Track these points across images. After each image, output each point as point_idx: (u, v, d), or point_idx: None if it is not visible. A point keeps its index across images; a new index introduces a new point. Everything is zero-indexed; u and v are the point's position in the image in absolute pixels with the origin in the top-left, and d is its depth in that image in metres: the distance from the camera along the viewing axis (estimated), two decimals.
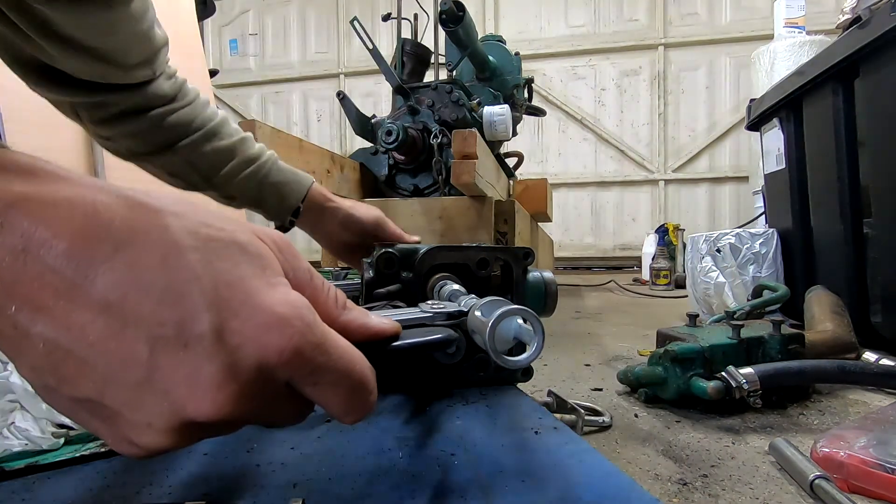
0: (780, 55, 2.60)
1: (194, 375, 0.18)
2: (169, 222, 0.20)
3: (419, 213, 1.46)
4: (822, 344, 0.96)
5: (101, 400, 0.19)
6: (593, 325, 1.59)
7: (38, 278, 0.18)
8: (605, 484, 0.30)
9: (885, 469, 0.52)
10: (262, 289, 0.20)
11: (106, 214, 0.19)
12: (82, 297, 0.18)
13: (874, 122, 1.07)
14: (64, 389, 0.19)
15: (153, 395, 0.19)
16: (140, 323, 0.18)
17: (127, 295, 0.18)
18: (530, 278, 0.52)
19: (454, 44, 1.71)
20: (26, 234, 0.18)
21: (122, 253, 0.19)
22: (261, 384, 0.20)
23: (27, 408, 0.36)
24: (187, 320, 0.18)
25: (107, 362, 0.18)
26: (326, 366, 0.21)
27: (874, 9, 0.99)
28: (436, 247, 0.46)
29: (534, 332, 0.27)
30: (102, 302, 0.18)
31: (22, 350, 0.19)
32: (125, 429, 0.19)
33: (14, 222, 0.18)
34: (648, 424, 0.75)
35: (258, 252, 0.21)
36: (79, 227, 0.18)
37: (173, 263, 0.19)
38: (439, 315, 0.33)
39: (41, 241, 0.18)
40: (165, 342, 0.18)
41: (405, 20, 2.18)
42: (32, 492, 0.31)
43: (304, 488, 0.30)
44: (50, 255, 0.18)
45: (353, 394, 0.22)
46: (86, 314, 0.18)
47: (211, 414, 0.19)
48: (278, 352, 0.19)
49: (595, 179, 4.00)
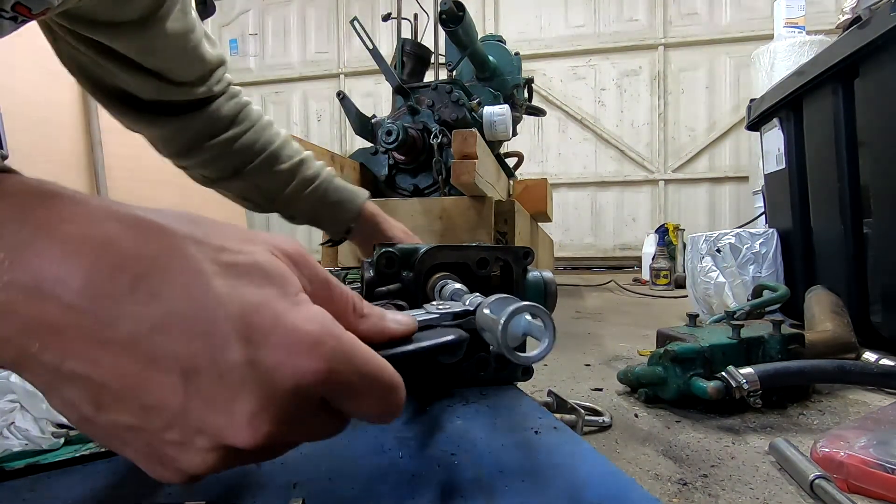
0: (780, 55, 2.60)
1: (231, 405, 0.18)
2: (187, 249, 0.19)
3: (419, 213, 1.46)
4: (822, 344, 0.96)
5: (140, 429, 0.19)
6: (593, 325, 1.59)
7: (57, 316, 0.18)
8: (605, 484, 0.30)
9: (885, 469, 0.52)
10: (289, 310, 0.20)
11: (120, 245, 0.18)
12: (107, 334, 0.18)
13: (874, 122, 1.07)
14: (101, 420, 0.19)
15: (193, 424, 0.18)
16: (171, 356, 0.18)
17: (154, 328, 0.18)
18: (530, 278, 0.52)
19: (454, 44, 1.71)
20: (38, 272, 0.18)
21: (142, 285, 0.18)
22: (296, 406, 0.20)
23: (27, 408, 0.36)
24: (219, 350, 0.18)
25: (143, 395, 0.18)
26: (358, 378, 0.21)
27: (874, 9, 0.99)
28: (436, 246, 0.46)
29: (544, 328, 0.27)
30: (129, 337, 0.18)
31: (53, 385, 0.18)
32: (167, 456, 0.19)
33: (24, 261, 0.18)
34: (648, 424, 0.75)
35: (279, 272, 0.21)
36: (93, 261, 0.18)
37: (197, 292, 0.19)
38: (446, 315, 0.33)
39: (55, 280, 0.18)
40: (199, 373, 0.18)
41: (405, 20, 2.18)
42: (32, 492, 0.31)
43: (304, 488, 0.30)
44: (66, 292, 0.18)
45: (385, 398, 0.22)
46: (114, 351, 0.18)
47: (250, 441, 0.19)
48: (313, 373, 0.19)
49: (595, 179, 4.00)
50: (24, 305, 0.17)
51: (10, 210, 0.18)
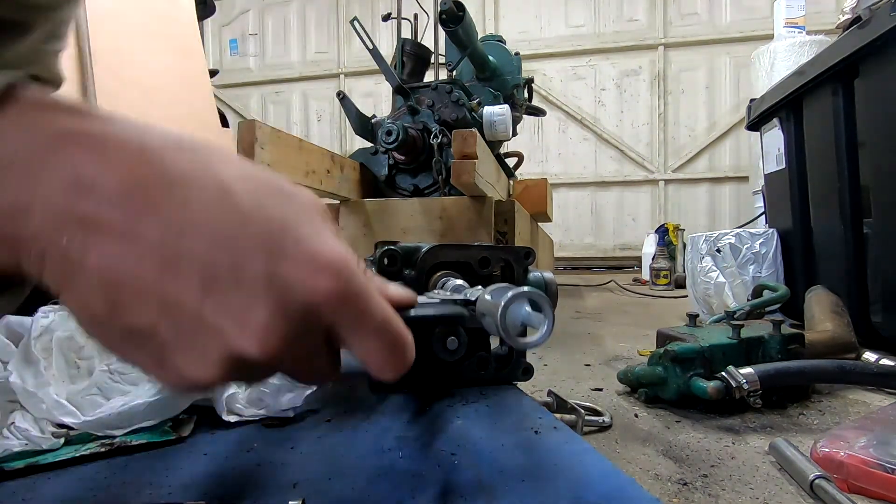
0: (780, 55, 2.59)
1: (245, 314, 0.19)
2: (220, 167, 0.20)
3: (419, 213, 1.46)
4: (822, 344, 0.96)
5: (153, 331, 0.19)
6: (593, 325, 1.59)
7: (90, 212, 0.18)
8: (605, 484, 0.30)
9: (885, 469, 0.52)
10: (312, 235, 0.21)
11: (156, 154, 0.19)
12: (136, 232, 0.18)
13: (874, 122, 1.07)
14: (115, 320, 0.19)
15: (205, 329, 0.19)
16: (194, 261, 0.19)
17: (181, 233, 0.19)
18: (531, 278, 0.52)
19: (454, 44, 1.71)
20: (77, 168, 0.18)
21: (175, 192, 0.19)
22: (307, 325, 0.20)
23: (27, 408, 0.36)
24: (240, 260, 0.19)
25: (161, 296, 0.19)
26: (368, 313, 0.21)
27: (874, 9, 0.99)
28: (438, 245, 0.46)
29: (543, 315, 0.27)
30: (157, 239, 0.18)
31: (73, 279, 0.19)
32: (174, 360, 0.20)
33: (65, 155, 0.18)
34: (648, 424, 0.75)
35: (306, 201, 0.22)
36: (130, 164, 0.19)
37: (226, 205, 0.19)
38: (446, 302, 0.33)
39: (93, 176, 0.18)
40: (219, 281, 0.19)
41: (405, 20, 2.18)
42: (32, 492, 0.31)
43: (304, 488, 0.30)
44: (103, 189, 0.18)
45: (392, 345, 0.22)
46: (141, 249, 0.18)
47: (259, 351, 0.19)
48: (327, 294, 0.20)
49: (595, 179, 3.99)
50: (60, 198, 0.18)
51: (48, 112, 0.19)
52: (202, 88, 1.99)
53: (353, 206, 1.53)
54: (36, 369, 0.37)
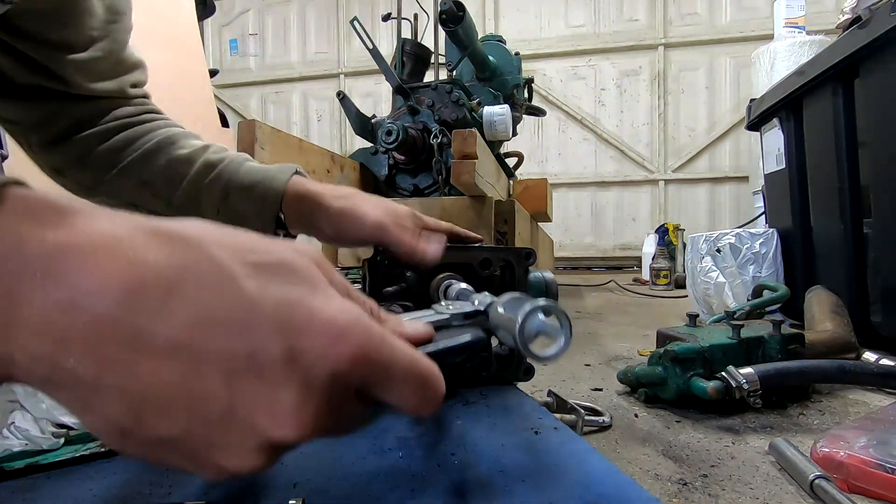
0: (780, 55, 2.59)
1: (274, 402, 0.19)
2: (214, 253, 0.20)
3: None
4: (822, 344, 0.96)
5: (185, 436, 0.19)
6: (593, 325, 1.59)
7: (93, 331, 0.18)
8: (605, 484, 0.30)
9: (885, 469, 0.52)
10: (321, 303, 0.20)
11: (149, 255, 0.19)
12: (147, 344, 0.18)
13: (874, 122, 1.07)
14: (144, 432, 0.19)
15: (238, 424, 0.19)
16: (212, 359, 0.18)
17: (193, 334, 0.18)
18: (531, 278, 0.52)
19: (454, 44, 1.71)
20: (72, 287, 0.18)
21: (176, 293, 0.18)
22: (336, 396, 0.20)
23: (27, 408, 0.36)
24: (258, 349, 0.19)
25: (186, 403, 0.18)
26: (393, 363, 0.21)
27: (874, 9, 0.99)
28: None
29: (560, 325, 0.27)
30: (169, 345, 0.18)
31: (91, 401, 0.18)
32: (212, 458, 0.19)
33: (57, 275, 0.18)
34: (648, 424, 0.75)
35: (306, 268, 0.21)
36: (125, 272, 0.18)
37: (231, 294, 0.19)
38: (457, 316, 0.33)
39: (89, 293, 0.18)
40: (241, 374, 0.18)
41: (405, 20, 2.18)
42: (32, 492, 0.31)
43: (304, 488, 0.30)
44: (102, 305, 0.18)
45: (423, 386, 0.22)
46: (155, 360, 0.18)
47: (294, 434, 0.19)
48: (349, 360, 0.20)
49: (595, 179, 3.99)
50: (58, 320, 0.17)
51: (32, 224, 0.18)
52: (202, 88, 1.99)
53: None
54: None
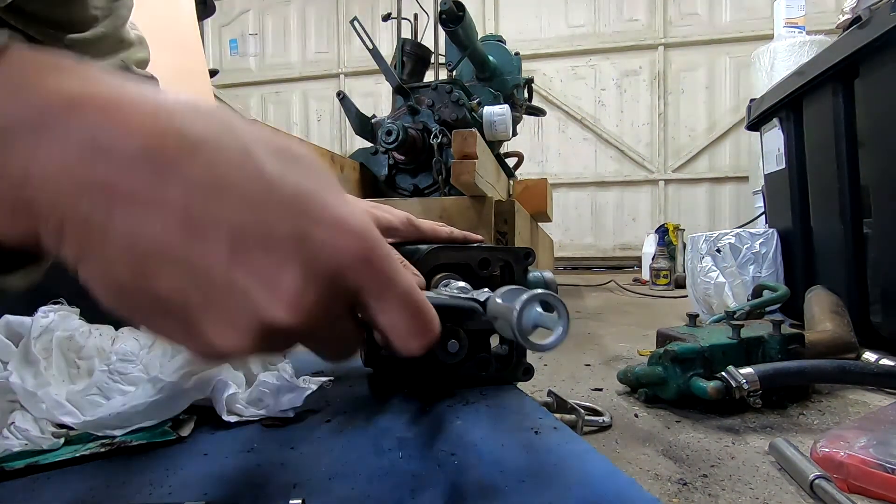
0: (780, 55, 2.60)
1: (275, 278, 0.19)
2: (240, 132, 0.20)
3: (419, 213, 1.45)
4: (822, 344, 0.96)
5: (181, 298, 0.19)
6: (593, 325, 1.59)
7: (112, 173, 0.17)
8: (605, 484, 0.30)
9: (885, 469, 0.52)
10: (337, 202, 0.20)
11: (175, 115, 0.19)
12: (162, 197, 0.18)
13: (874, 122, 1.07)
14: (141, 287, 0.18)
15: (235, 295, 0.19)
16: (222, 225, 0.18)
17: (208, 197, 0.18)
18: (531, 278, 0.52)
19: (454, 44, 1.71)
20: (95, 129, 0.17)
21: (199, 153, 0.18)
22: (335, 290, 0.20)
23: (27, 408, 0.36)
24: (269, 224, 0.19)
25: (189, 261, 0.18)
26: (394, 279, 0.21)
27: (874, 9, 0.99)
28: (438, 246, 0.46)
29: (558, 315, 0.27)
30: (183, 201, 0.18)
31: (95, 247, 0.18)
32: (204, 328, 0.19)
33: (80, 117, 0.17)
34: (648, 424, 0.75)
35: (325, 170, 0.22)
36: (149, 126, 0.18)
37: (252, 168, 0.19)
38: (454, 299, 0.33)
39: (112, 137, 0.17)
40: (247, 244, 0.18)
41: (405, 20, 2.18)
42: (32, 492, 0.31)
43: (304, 488, 0.30)
44: (124, 151, 0.17)
45: (417, 314, 0.22)
46: (166, 213, 0.18)
47: (289, 317, 0.19)
48: (355, 256, 0.20)
49: (595, 179, 3.99)
50: (78, 162, 0.17)
51: (56, 74, 0.18)
52: (202, 88, 1.99)
53: None
54: (36, 369, 0.37)
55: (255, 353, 0.20)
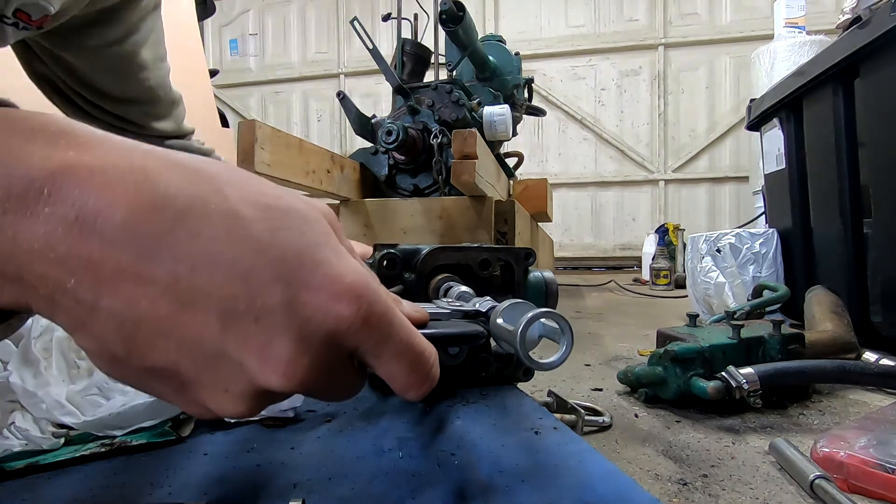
0: (780, 55, 2.60)
1: (267, 348, 0.18)
2: (227, 191, 0.19)
3: (419, 213, 1.46)
4: (822, 344, 0.96)
5: (174, 369, 0.19)
6: (593, 325, 1.59)
7: (96, 251, 0.17)
8: (605, 484, 0.30)
9: (885, 469, 0.52)
10: (330, 258, 0.20)
11: (160, 181, 0.18)
12: (148, 271, 0.17)
13: (874, 122, 1.07)
14: (134, 360, 0.18)
15: (227, 366, 0.19)
16: (210, 297, 0.18)
17: (194, 268, 0.18)
18: (531, 278, 0.52)
19: (454, 44, 1.71)
20: (78, 204, 0.17)
21: (184, 224, 0.18)
22: (330, 354, 0.20)
23: (27, 408, 0.36)
24: (258, 293, 0.18)
25: (180, 335, 0.18)
26: (391, 336, 0.21)
27: (874, 9, 0.99)
28: (438, 247, 0.46)
29: (562, 332, 0.27)
30: (170, 276, 0.18)
31: (87, 323, 0.18)
32: (199, 395, 0.19)
33: (63, 191, 0.17)
34: (648, 424, 0.75)
35: (317, 220, 0.21)
36: (133, 195, 0.17)
37: (239, 234, 0.18)
38: (457, 313, 0.33)
39: (95, 212, 0.17)
40: (237, 315, 0.18)
41: (405, 20, 2.18)
42: (32, 492, 0.31)
43: (304, 488, 0.30)
44: (107, 226, 0.17)
45: (415, 365, 0.22)
46: (154, 288, 0.18)
47: (284, 385, 0.19)
48: (349, 321, 0.19)
49: (595, 179, 4.00)
50: (62, 239, 0.17)
51: (39, 143, 0.18)
52: (202, 88, 1.99)
53: (353, 206, 1.53)
54: (36, 369, 0.37)
55: (254, 414, 0.20)
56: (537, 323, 0.28)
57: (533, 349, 0.28)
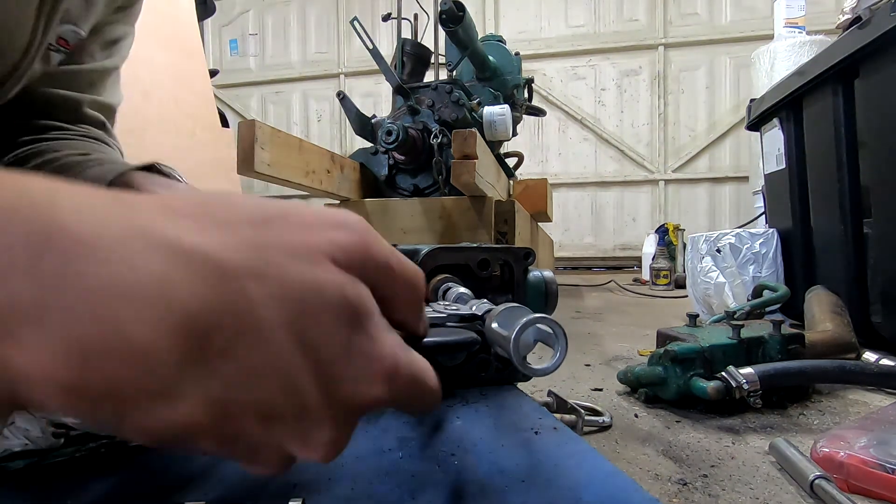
0: (780, 55, 2.60)
1: (308, 437, 0.20)
2: (252, 292, 0.18)
3: (419, 213, 1.46)
4: (822, 344, 0.96)
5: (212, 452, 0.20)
6: (593, 325, 1.59)
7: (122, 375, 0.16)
8: (605, 484, 0.30)
9: (885, 469, 0.52)
10: (363, 345, 0.20)
11: (186, 299, 0.17)
12: (178, 394, 0.17)
13: (874, 122, 1.07)
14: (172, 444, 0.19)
15: (266, 449, 0.19)
16: (248, 408, 0.18)
17: (229, 387, 0.18)
18: (531, 278, 0.52)
19: (454, 44, 1.71)
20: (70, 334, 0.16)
21: (212, 344, 0.17)
22: None
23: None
24: (297, 398, 0.19)
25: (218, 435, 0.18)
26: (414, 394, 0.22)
27: (874, 9, 0.99)
28: (437, 247, 0.46)
29: (556, 337, 0.27)
30: (205, 397, 0.17)
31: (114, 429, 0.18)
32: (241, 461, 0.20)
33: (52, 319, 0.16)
34: (648, 424, 0.75)
35: (349, 304, 0.20)
36: (156, 324, 0.16)
37: (270, 347, 0.18)
38: (453, 317, 0.33)
39: (102, 347, 0.16)
40: (277, 418, 0.19)
41: (405, 20, 2.18)
42: (32, 492, 0.31)
43: (304, 488, 0.30)
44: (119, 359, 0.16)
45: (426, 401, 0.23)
46: (187, 406, 0.17)
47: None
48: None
49: (595, 179, 4.00)
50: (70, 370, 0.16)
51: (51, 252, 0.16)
52: (202, 88, 1.99)
53: (353, 206, 1.53)
54: None
55: None
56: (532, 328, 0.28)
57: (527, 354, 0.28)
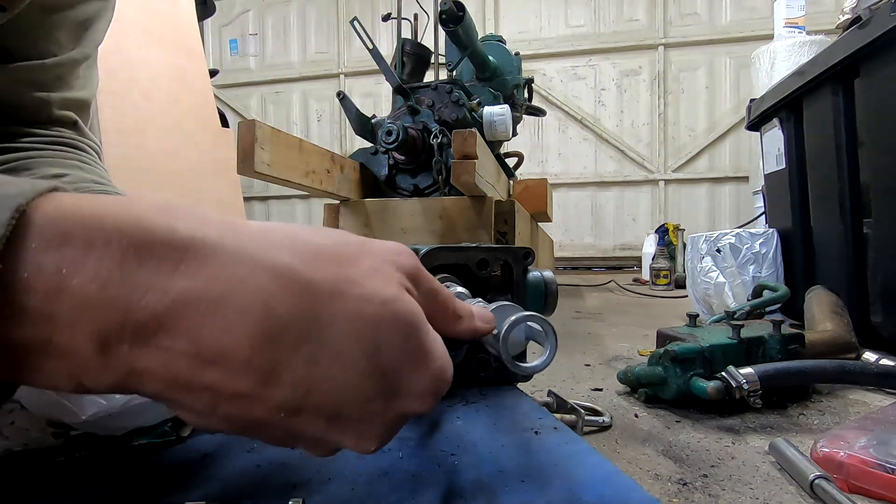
0: (780, 55, 2.59)
1: (364, 435, 0.22)
2: (335, 309, 0.21)
3: (419, 213, 1.46)
4: (822, 344, 0.96)
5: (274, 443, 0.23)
6: (593, 325, 1.59)
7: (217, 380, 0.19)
8: (606, 484, 0.30)
9: (885, 469, 0.52)
10: (418, 361, 0.22)
11: (277, 307, 0.19)
12: (265, 394, 0.19)
13: (874, 122, 1.07)
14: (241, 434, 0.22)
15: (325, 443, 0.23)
16: (320, 409, 0.21)
17: (310, 391, 0.20)
18: (530, 278, 0.52)
19: (454, 44, 1.71)
20: (198, 341, 0.18)
21: (299, 351, 0.20)
22: None
23: (27, 407, 0.36)
24: (363, 405, 0.21)
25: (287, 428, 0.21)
26: None
27: (874, 9, 0.99)
28: (436, 247, 0.46)
29: (546, 335, 0.27)
30: (286, 398, 0.20)
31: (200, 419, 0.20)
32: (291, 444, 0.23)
33: (182, 326, 0.18)
34: (648, 424, 0.75)
35: (407, 319, 0.22)
36: (253, 329, 0.19)
37: (348, 359, 0.21)
38: None
39: (217, 349, 0.18)
40: (342, 420, 0.21)
41: (405, 20, 2.18)
42: (33, 492, 0.31)
43: (304, 488, 0.30)
44: (229, 361, 0.18)
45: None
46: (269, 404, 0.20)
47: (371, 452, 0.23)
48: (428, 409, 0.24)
49: (595, 179, 3.99)
50: (182, 369, 0.18)
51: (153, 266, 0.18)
52: (202, 88, 1.99)
53: (353, 206, 1.53)
54: None
55: None
56: (522, 326, 0.28)
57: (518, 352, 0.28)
